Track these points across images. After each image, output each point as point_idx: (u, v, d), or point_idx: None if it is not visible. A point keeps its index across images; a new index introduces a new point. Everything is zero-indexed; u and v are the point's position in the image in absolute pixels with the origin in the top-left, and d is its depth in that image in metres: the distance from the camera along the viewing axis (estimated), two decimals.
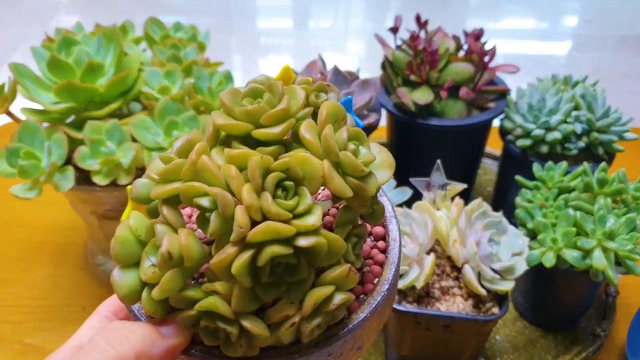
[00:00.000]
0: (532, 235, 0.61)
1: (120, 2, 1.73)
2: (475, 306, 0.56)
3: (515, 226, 0.61)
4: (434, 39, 0.78)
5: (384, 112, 0.78)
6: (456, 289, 0.58)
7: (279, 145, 0.28)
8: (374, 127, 0.73)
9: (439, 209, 0.60)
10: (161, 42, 0.72)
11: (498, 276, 0.55)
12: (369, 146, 0.29)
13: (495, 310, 0.55)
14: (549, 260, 0.57)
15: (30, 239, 0.82)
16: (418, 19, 0.79)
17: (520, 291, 0.70)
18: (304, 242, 0.25)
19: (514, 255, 0.57)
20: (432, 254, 0.56)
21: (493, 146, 0.95)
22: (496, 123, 0.79)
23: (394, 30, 0.81)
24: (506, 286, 0.55)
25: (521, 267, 0.56)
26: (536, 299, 0.68)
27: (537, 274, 0.62)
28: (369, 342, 0.32)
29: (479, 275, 0.56)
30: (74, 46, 0.61)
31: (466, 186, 0.62)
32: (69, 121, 0.62)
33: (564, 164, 0.65)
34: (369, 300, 0.30)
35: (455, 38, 0.78)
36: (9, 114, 0.60)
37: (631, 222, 0.56)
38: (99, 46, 0.63)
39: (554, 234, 0.58)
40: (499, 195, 0.84)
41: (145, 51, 0.73)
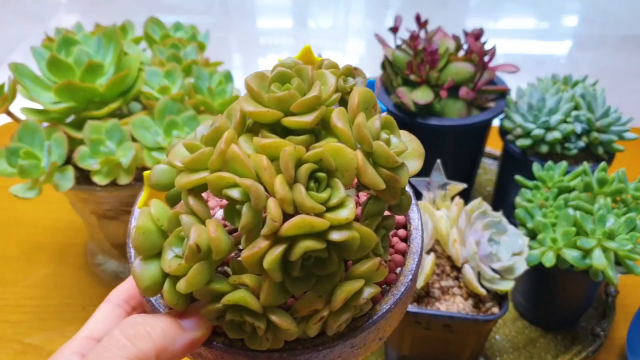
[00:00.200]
0: (532, 235, 0.61)
1: (120, 1, 1.73)
2: (475, 306, 0.56)
3: (515, 226, 0.61)
4: (434, 38, 0.78)
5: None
6: (456, 288, 0.58)
7: (310, 135, 0.27)
8: None
9: (438, 209, 0.60)
10: (161, 42, 0.72)
11: (498, 276, 0.55)
12: (399, 135, 0.28)
13: (495, 310, 0.55)
14: (548, 260, 0.57)
15: (30, 238, 0.82)
16: (418, 18, 0.79)
17: (520, 291, 0.70)
18: (337, 236, 0.24)
19: (513, 255, 0.57)
20: (432, 253, 0.56)
21: (493, 146, 0.95)
22: (496, 123, 0.79)
23: (394, 30, 0.81)
24: (506, 286, 0.55)
25: (521, 266, 0.56)
26: (536, 298, 0.68)
27: (537, 273, 0.62)
28: (390, 332, 0.32)
29: (478, 275, 0.56)
30: (73, 46, 0.61)
31: (466, 186, 0.62)
32: (68, 121, 0.62)
33: (563, 163, 0.65)
34: (392, 291, 0.30)
35: (455, 38, 0.78)
36: (9, 114, 0.60)
37: (631, 221, 0.56)
38: (99, 46, 0.62)
39: (554, 233, 0.58)
40: (498, 195, 0.84)
41: (145, 51, 0.73)
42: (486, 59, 0.75)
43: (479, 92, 0.77)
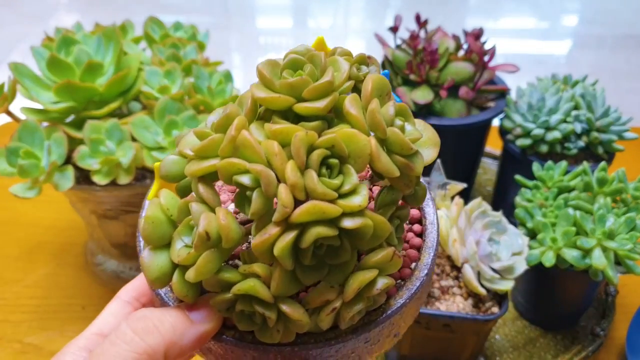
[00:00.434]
0: (532, 235, 0.61)
1: (119, 1, 1.73)
2: (475, 305, 0.57)
3: (515, 226, 0.61)
4: (434, 38, 0.78)
5: None
6: (456, 288, 0.58)
7: (322, 121, 0.26)
8: None
9: (438, 209, 0.60)
10: (161, 42, 0.72)
11: (498, 276, 0.55)
12: (414, 123, 0.28)
13: (495, 309, 0.55)
14: (548, 260, 0.57)
15: (30, 238, 0.82)
16: (418, 18, 0.79)
17: (520, 290, 0.70)
18: (350, 223, 0.24)
19: (513, 254, 0.57)
20: None
21: (493, 145, 0.95)
22: (496, 122, 0.79)
23: (394, 30, 0.81)
24: (506, 286, 0.55)
25: (521, 266, 0.56)
26: (536, 298, 0.68)
27: (537, 273, 0.62)
28: (406, 329, 0.31)
29: (478, 275, 0.56)
30: (73, 45, 0.61)
31: (466, 186, 0.62)
32: (68, 120, 0.62)
33: (563, 163, 0.65)
34: (407, 285, 0.29)
35: (455, 37, 0.78)
36: (9, 114, 0.60)
37: (631, 221, 0.56)
38: (99, 45, 0.62)
39: (554, 233, 0.58)
40: (498, 194, 0.84)
41: (144, 50, 0.73)
42: (486, 58, 0.75)
43: (479, 91, 0.77)
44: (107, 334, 0.29)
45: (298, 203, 0.23)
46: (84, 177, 0.61)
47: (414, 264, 0.31)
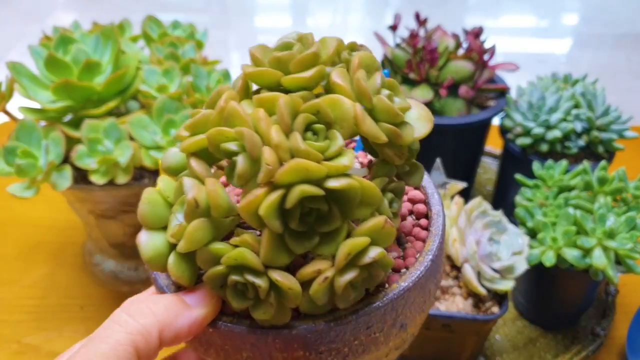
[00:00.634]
0: (532, 234, 0.61)
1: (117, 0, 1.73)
2: (475, 305, 0.56)
3: (515, 225, 0.61)
4: (433, 37, 0.77)
5: None
6: (456, 288, 0.57)
7: (309, 92, 0.27)
8: None
9: None
10: (159, 40, 0.72)
11: (498, 275, 0.55)
12: (404, 97, 0.28)
13: (495, 309, 0.55)
14: (549, 260, 0.57)
15: (28, 238, 0.82)
16: (417, 16, 0.79)
17: (520, 290, 0.69)
18: (335, 183, 0.24)
19: (513, 254, 0.57)
20: None
21: (493, 145, 0.95)
22: (496, 121, 0.78)
23: (393, 28, 0.81)
24: (506, 285, 0.55)
25: (521, 266, 0.56)
26: (536, 298, 0.68)
27: (537, 273, 0.62)
28: (414, 324, 0.30)
29: (478, 275, 0.56)
30: (71, 44, 0.60)
31: (466, 185, 0.61)
32: (66, 120, 0.62)
33: (563, 162, 0.65)
34: (411, 270, 0.29)
35: (454, 36, 0.78)
36: (6, 113, 0.60)
37: (631, 220, 0.56)
38: (97, 44, 0.62)
39: (554, 232, 0.58)
40: (498, 194, 0.84)
41: (143, 49, 0.73)
42: (486, 57, 0.75)
43: (479, 90, 0.77)
44: None
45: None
46: (81, 177, 0.61)
47: (419, 254, 0.30)
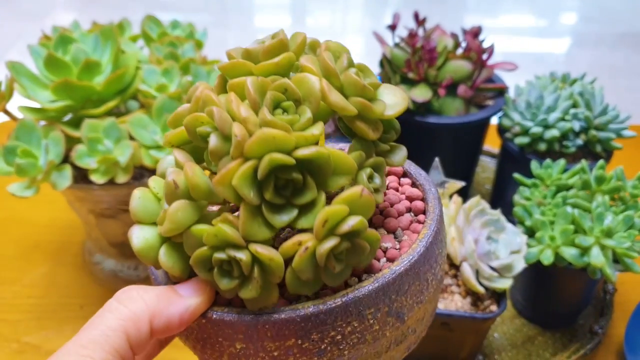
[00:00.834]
0: (530, 233, 0.61)
1: None
2: (473, 304, 0.57)
3: (514, 224, 0.61)
4: (432, 36, 0.78)
5: None
6: (454, 286, 0.58)
7: (279, 77, 0.27)
8: None
9: None
10: (158, 40, 0.72)
11: (496, 274, 0.55)
12: (375, 78, 0.29)
13: (493, 307, 0.55)
14: (547, 258, 0.57)
15: (28, 237, 0.82)
16: (416, 16, 0.79)
17: (519, 289, 0.70)
18: (304, 151, 0.24)
19: (512, 253, 0.57)
20: None
21: (491, 144, 0.95)
22: (494, 121, 0.79)
23: (392, 28, 0.81)
24: (504, 284, 0.55)
25: (519, 264, 0.56)
26: (534, 296, 0.68)
27: (535, 271, 0.62)
28: (413, 316, 0.30)
29: (477, 273, 0.56)
30: (70, 44, 0.61)
31: (464, 184, 0.62)
32: (66, 119, 0.62)
33: (562, 161, 0.65)
34: (403, 256, 0.28)
35: (453, 35, 0.78)
36: (6, 112, 0.60)
37: (629, 219, 0.56)
38: (96, 44, 0.62)
39: (552, 231, 0.58)
40: (497, 193, 0.84)
41: (142, 49, 0.73)
42: (484, 56, 0.75)
43: (477, 90, 0.77)
44: None
45: None
46: (81, 176, 0.61)
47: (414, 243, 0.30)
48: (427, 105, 0.75)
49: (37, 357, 0.65)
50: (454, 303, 0.56)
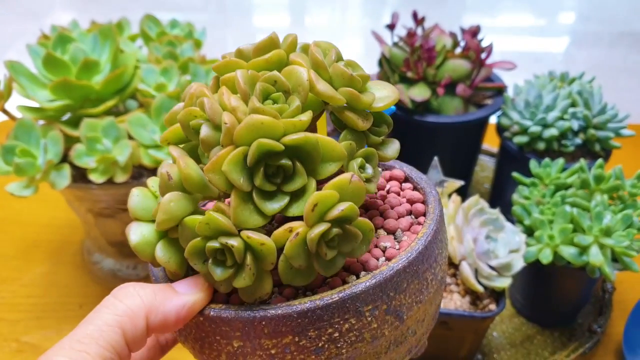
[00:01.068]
0: (529, 232, 0.61)
1: None
2: (472, 303, 0.57)
3: (513, 223, 0.61)
4: (431, 35, 0.78)
5: None
6: (453, 285, 0.58)
7: (268, 71, 0.28)
8: None
9: None
10: (157, 39, 0.72)
11: (495, 273, 0.55)
12: (364, 71, 0.30)
13: (492, 306, 0.56)
14: (546, 257, 0.57)
15: (27, 236, 0.82)
16: (415, 15, 0.79)
17: (517, 288, 0.70)
18: (293, 136, 0.25)
19: (511, 252, 0.57)
20: None
21: (490, 143, 0.95)
22: (493, 120, 0.79)
23: (391, 27, 0.81)
24: (503, 283, 0.55)
25: (518, 263, 0.56)
26: (533, 295, 0.68)
27: (534, 270, 0.62)
28: (413, 316, 0.29)
29: (476, 272, 0.56)
30: (69, 43, 0.61)
31: (463, 183, 0.62)
32: (65, 119, 0.62)
33: (560, 160, 0.65)
34: (402, 254, 0.28)
35: (452, 35, 0.78)
36: (5, 112, 0.60)
37: (628, 218, 0.56)
38: (95, 43, 0.62)
39: (551, 230, 0.59)
40: (496, 192, 0.84)
41: (141, 48, 0.73)
42: (483, 56, 0.75)
43: (476, 89, 0.77)
44: None
45: None
46: (80, 176, 0.61)
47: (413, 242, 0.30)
48: (426, 105, 0.75)
49: (36, 357, 0.65)
50: (453, 302, 0.56)
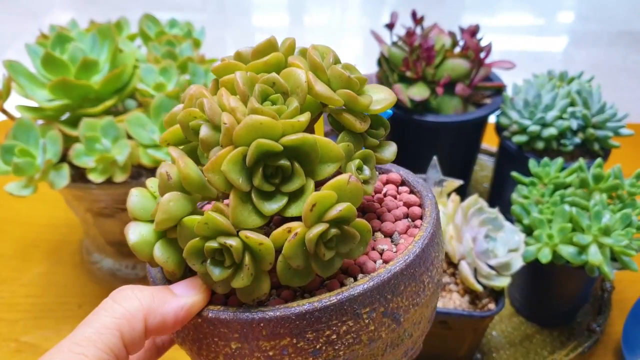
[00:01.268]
0: (528, 231, 0.61)
1: None
2: (471, 302, 0.57)
3: (512, 222, 0.61)
4: (430, 35, 0.78)
5: None
6: (453, 285, 0.58)
7: (267, 72, 0.28)
8: None
9: None
10: (156, 39, 0.72)
11: (494, 272, 0.55)
12: (361, 74, 0.30)
13: (492, 306, 0.56)
14: (545, 256, 0.57)
15: (26, 236, 0.82)
16: (414, 15, 0.79)
17: (517, 287, 0.70)
18: (292, 137, 0.25)
19: (510, 251, 0.57)
20: None
21: (489, 142, 0.95)
22: (492, 119, 0.79)
23: (390, 27, 0.81)
24: (502, 282, 0.55)
25: (517, 263, 0.56)
26: (532, 294, 0.68)
27: (533, 269, 0.62)
28: (409, 319, 0.29)
29: (475, 272, 0.56)
30: (68, 43, 0.61)
31: (462, 182, 0.62)
32: (63, 118, 0.62)
33: (559, 160, 0.65)
34: (399, 257, 0.28)
35: (451, 34, 0.78)
36: (4, 112, 0.60)
37: (627, 217, 0.56)
38: (94, 43, 0.62)
39: (550, 230, 0.59)
40: (495, 191, 0.84)
41: (140, 48, 0.73)
42: (482, 55, 0.75)
43: (475, 88, 0.77)
44: None
45: None
46: (79, 175, 0.61)
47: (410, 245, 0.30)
48: (425, 104, 0.75)
49: (35, 356, 0.65)
50: (452, 301, 0.56)
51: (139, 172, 0.63)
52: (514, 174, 0.66)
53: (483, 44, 0.76)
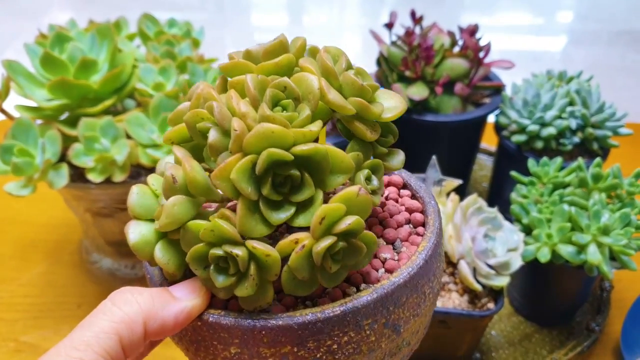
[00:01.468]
0: (527, 231, 0.61)
1: None
2: (470, 302, 0.57)
3: (511, 222, 0.61)
4: (429, 34, 0.78)
5: None
6: (452, 284, 0.58)
7: (278, 76, 0.28)
8: None
9: None
10: (155, 39, 0.72)
11: (493, 272, 0.55)
12: (372, 80, 0.29)
13: (491, 305, 0.56)
14: (544, 256, 0.57)
15: (25, 236, 0.82)
16: (413, 14, 0.79)
17: (516, 286, 0.70)
18: (303, 147, 0.25)
19: (509, 250, 0.57)
20: None
21: (488, 142, 0.95)
22: (491, 119, 0.79)
23: (389, 26, 0.81)
24: (501, 281, 0.55)
25: (516, 262, 0.56)
26: (531, 294, 0.68)
27: (533, 269, 0.62)
28: (409, 329, 0.29)
29: (474, 271, 0.56)
30: (67, 42, 0.60)
31: (461, 182, 0.62)
32: (62, 118, 0.62)
33: (558, 159, 0.65)
34: (402, 268, 0.28)
35: (450, 34, 0.78)
36: (3, 111, 0.60)
37: (626, 217, 0.56)
38: (93, 42, 0.62)
39: (549, 229, 0.59)
40: (494, 191, 0.84)
41: (139, 47, 0.73)
42: (481, 55, 0.75)
43: (474, 88, 0.77)
44: None
45: None
46: (78, 175, 0.61)
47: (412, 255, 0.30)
48: (424, 104, 0.75)
49: (34, 356, 0.65)
50: (451, 301, 0.56)
51: (138, 172, 0.63)
52: (513, 173, 0.66)
53: (482, 43, 0.76)
